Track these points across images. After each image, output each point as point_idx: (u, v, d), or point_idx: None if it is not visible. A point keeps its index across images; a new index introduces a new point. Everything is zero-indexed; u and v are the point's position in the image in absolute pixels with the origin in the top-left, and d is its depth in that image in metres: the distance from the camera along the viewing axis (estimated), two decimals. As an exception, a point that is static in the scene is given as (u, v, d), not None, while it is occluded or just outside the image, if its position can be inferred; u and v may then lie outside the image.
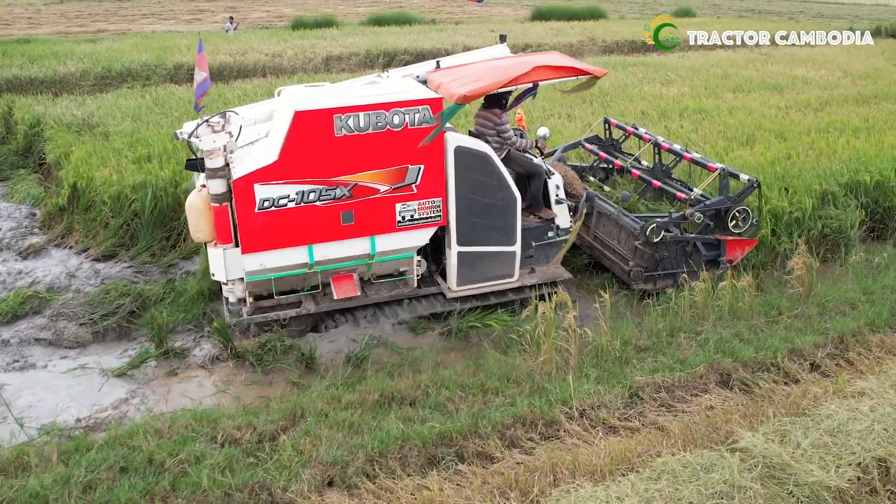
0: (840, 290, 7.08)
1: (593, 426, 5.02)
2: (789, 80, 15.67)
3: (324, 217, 6.02)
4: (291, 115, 5.70)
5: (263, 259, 6.03)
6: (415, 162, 6.11)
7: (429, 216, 6.35)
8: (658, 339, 6.23)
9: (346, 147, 5.86)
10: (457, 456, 4.71)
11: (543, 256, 7.08)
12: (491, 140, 6.85)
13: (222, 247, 6.06)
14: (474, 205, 6.39)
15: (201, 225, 6.09)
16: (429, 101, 6.00)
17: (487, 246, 6.58)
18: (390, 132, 5.93)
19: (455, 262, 6.55)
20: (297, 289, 6.47)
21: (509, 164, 6.89)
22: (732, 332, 6.25)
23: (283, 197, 5.86)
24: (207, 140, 5.75)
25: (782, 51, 20.86)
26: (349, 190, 6.01)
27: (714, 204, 7.23)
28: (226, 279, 6.21)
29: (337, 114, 5.74)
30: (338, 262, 6.32)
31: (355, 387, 5.58)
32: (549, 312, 5.72)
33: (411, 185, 6.17)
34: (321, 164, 5.86)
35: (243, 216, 5.83)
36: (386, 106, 5.86)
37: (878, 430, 4.51)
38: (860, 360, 5.85)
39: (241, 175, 5.73)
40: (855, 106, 13.14)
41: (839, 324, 6.31)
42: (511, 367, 5.81)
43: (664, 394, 5.37)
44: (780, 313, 6.62)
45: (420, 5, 38.19)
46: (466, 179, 6.30)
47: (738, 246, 7.29)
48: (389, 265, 6.58)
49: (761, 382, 5.51)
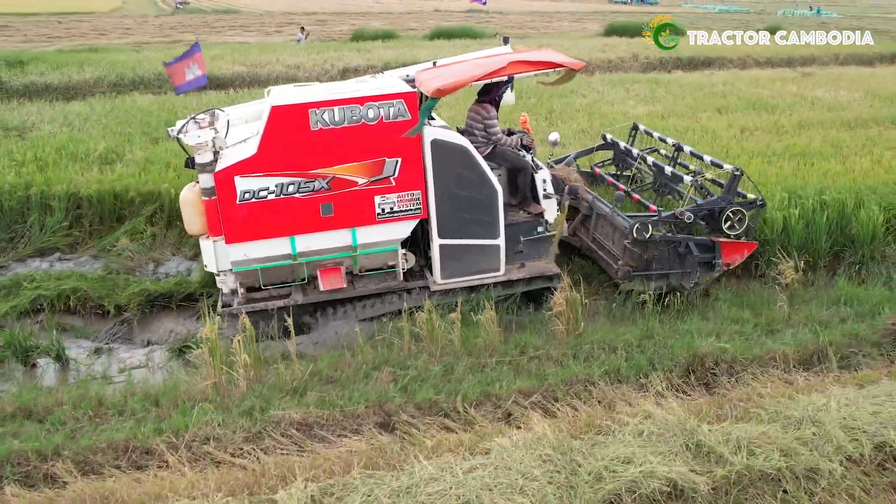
0: (617, 332, 6.42)
1: (196, 459, 4.75)
2: (796, 100, 15.07)
3: (303, 209, 6.22)
4: (269, 110, 5.96)
5: (247, 249, 6.28)
6: (392, 155, 6.25)
7: (408, 209, 6.46)
8: (357, 372, 5.80)
9: (323, 140, 6.05)
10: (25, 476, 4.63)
11: (534, 251, 7.08)
12: (478, 134, 6.94)
13: (213, 239, 6.35)
14: (454, 198, 6.47)
15: (194, 218, 6.38)
16: (403, 94, 6.14)
17: (470, 239, 6.64)
18: (365, 126, 6.09)
19: (438, 255, 6.62)
20: (287, 280, 6.69)
21: (495, 158, 6.95)
22: (442, 368, 5.81)
23: (263, 189, 6.10)
24: (192, 135, 6.07)
25: (830, 71, 20.22)
26: (327, 182, 6.20)
27: (706, 204, 7.04)
28: (216, 270, 6.50)
29: (312, 108, 5.96)
30: (321, 254, 6.50)
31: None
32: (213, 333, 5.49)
33: (389, 178, 6.31)
34: (299, 157, 6.07)
35: (226, 207, 6.10)
36: (360, 100, 6.04)
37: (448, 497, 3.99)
38: (553, 410, 5.27)
39: (222, 168, 6.01)
40: (839, 130, 12.39)
41: (567, 370, 5.75)
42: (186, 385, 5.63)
43: (301, 431, 5.03)
44: (522, 353, 6.08)
45: (506, 21, 38.95)
46: (445, 172, 6.39)
47: (735, 249, 7.02)
48: (376, 258, 6.73)
49: (421, 426, 5.03)
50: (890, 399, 5.04)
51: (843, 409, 4.87)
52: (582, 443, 4.57)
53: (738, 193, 7.23)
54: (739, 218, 6.99)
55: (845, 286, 7.37)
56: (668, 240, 6.93)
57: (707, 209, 7.04)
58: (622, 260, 7.02)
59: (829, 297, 7.20)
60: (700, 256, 6.96)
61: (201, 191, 6.22)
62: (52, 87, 16.33)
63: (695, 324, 6.63)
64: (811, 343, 6.19)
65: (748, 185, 7.64)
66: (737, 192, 7.18)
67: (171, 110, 13.26)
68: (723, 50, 22.90)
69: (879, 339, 6.30)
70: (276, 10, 50.69)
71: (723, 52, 22.87)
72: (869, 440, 4.60)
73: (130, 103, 14.16)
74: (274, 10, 50.55)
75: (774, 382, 5.63)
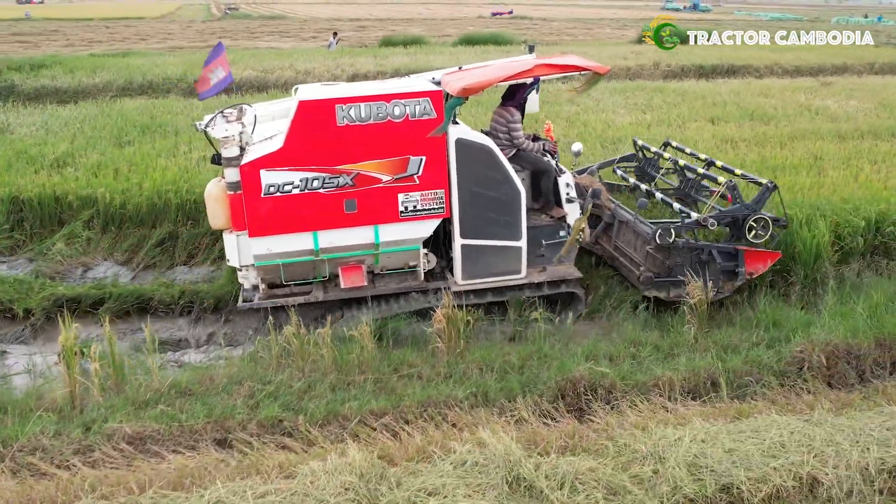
0: (503, 351, 6.11)
1: (18, 470, 4.56)
2: (799, 111, 14.78)
3: (327, 204, 6.25)
4: (296, 105, 6.03)
5: (270, 243, 6.32)
6: (416, 153, 6.26)
7: (432, 207, 6.46)
8: (216, 386, 5.58)
9: (349, 136, 6.10)
10: None
11: (555, 255, 7.00)
12: (502, 137, 6.97)
13: (236, 233, 6.41)
14: (477, 198, 6.46)
15: (217, 213, 6.45)
16: (429, 93, 6.18)
17: (492, 240, 6.61)
18: (391, 123, 6.13)
19: (459, 255, 6.60)
20: (308, 277, 6.71)
21: (519, 161, 6.95)
22: (305, 385, 5.55)
23: (288, 183, 6.15)
24: (220, 128, 6.15)
25: (850, 81, 19.83)
26: (352, 179, 6.23)
27: (730, 212, 6.91)
28: (239, 264, 6.56)
29: (339, 104, 6.01)
30: (343, 251, 6.53)
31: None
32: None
33: (413, 176, 6.32)
34: (324, 152, 6.12)
35: (250, 201, 6.16)
36: (387, 97, 6.08)
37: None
38: (399, 432, 4.98)
39: (248, 161, 6.08)
40: (830, 141, 11.95)
41: (427, 391, 5.46)
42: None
43: (133, 446, 4.81)
44: (395, 370, 5.85)
45: (548, 28, 38.84)
46: (469, 172, 6.39)
47: (759, 258, 6.89)
48: (397, 257, 6.72)
49: (257, 445, 4.81)
50: (755, 435, 4.59)
51: (696, 445, 4.45)
52: (399, 470, 4.28)
53: None
54: (763, 226, 6.85)
55: (766, 309, 6.82)
56: (692, 246, 6.81)
57: (731, 216, 6.92)
58: (644, 266, 6.93)
59: (746, 321, 6.72)
60: (723, 265, 6.85)
61: (226, 185, 6.28)
62: (62, 90, 16.83)
63: (591, 345, 6.25)
64: (705, 370, 5.72)
65: (777, 204, 7.34)
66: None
67: (151, 114, 13.65)
68: (749, 58, 22.69)
69: (784, 367, 5.80)
70: (323, 17, 51.83)
71: (749, 61, 22.64)
72: (715, 480, 4.18)
73: (120, 107, 14.48)
74: (321, 16, 51.71)
75: (657, 411, 5.20)
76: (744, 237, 6.88)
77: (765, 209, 7.04)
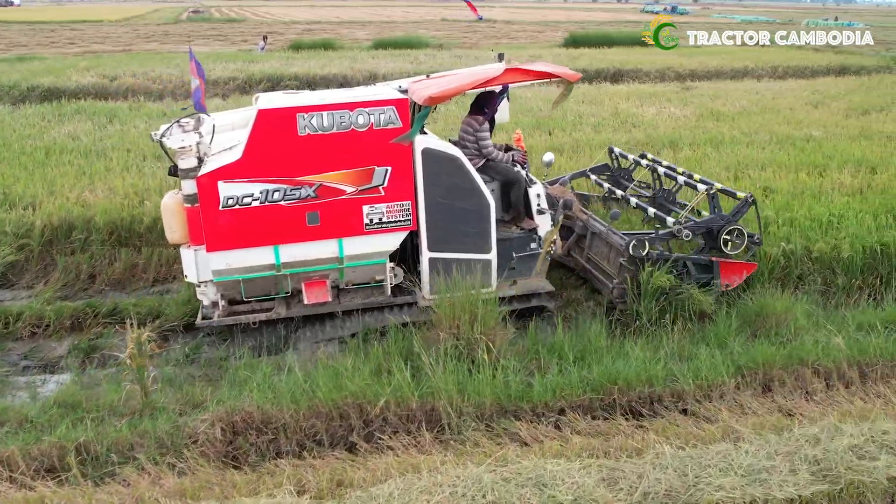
0: (198, 390, 5.79)
1: None
2: (607, 119, 14.99)
3: (289, 217, 5.99)
4: (255, 114, 5.77)
5: (229, 258, 6.04)
6: (382, 163, 6.04)
7: (398, 220, 6.24)
8: None
9: (311, 146, 5.85)
10: None
11: (526, 268, 6.85)
12: (470, 146, 6.78)
13: (194, 248, 6.12)
14: (445, 209, 6.26)
15: (174, 226, 6.15)
16: (394, 101, 5.96)
17: (461, 253, 6.41)
18: (355, 132, 5.90)
19: (427, 269, 6.39)
20: (271, 293, 6.44)
21: (488, 171, 6.77)
22: None
23: (248, 195, 5.88)
24: (176, 139, 5.87)
25: (713, 85, 20.61)
26: (314, 190, 5.98)
27: (705, 222, 6.82)
28: (197, 280, 6.25)
29: (300, 112, 5.77)
30: (307, 266, 6.27)
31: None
32: None
33: (378, 187, 6.10)
34: (285, 163, 5.87)
35: (208, 214, 5.88)
36: (350, 105, 5.86)
37: None
38: None
39: (206, 172, 5.80)
40: None
41: None
42: None
43: None
44: None
45: (508, 30, 39.75)
46: (436, 183, 6.19)
47: (734, 269, 6.82)
48: (363, 272, 6.48)
49: None
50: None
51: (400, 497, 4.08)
52: None
53: None
54: (738, 236, 6.76)
55: None
56: (665, 258, 6.69)
57: (705, 227, 6.83)
58: (617, 279, 6.79)
59: None
60: (698, 276, 6.74)
61: (183, 197, 6.00)
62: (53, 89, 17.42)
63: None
64: None
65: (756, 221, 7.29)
66: None
67: (32, 124, 13.74)
68: (639, 63, 23.37)
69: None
70: (302, 19, 52.01)
71: (639, 65, 23.29)
72: None
73: (20, 112, 14.84)
74: (299, 19, 52.04)
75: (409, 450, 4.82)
76: (718, 248, 6.81)
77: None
